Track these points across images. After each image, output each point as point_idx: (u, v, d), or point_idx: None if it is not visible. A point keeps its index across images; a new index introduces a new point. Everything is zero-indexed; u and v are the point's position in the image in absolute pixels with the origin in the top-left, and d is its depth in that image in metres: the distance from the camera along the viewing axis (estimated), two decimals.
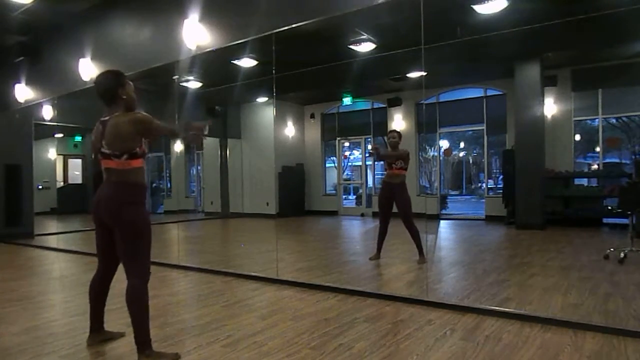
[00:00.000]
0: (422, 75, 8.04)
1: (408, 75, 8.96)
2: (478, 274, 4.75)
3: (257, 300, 3.77)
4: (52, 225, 10.42)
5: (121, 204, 2.47)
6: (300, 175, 12.74)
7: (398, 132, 5.43)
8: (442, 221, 10.21)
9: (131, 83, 2.67)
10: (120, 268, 2.58)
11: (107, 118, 2.56)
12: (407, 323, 3.13)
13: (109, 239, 2.57)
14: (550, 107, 9.21)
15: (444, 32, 6.10)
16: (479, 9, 5.80)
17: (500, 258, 5.94)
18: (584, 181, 9.45)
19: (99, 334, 2.79)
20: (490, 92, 10.42)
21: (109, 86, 2.56)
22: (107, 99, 2.57)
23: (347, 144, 13.35)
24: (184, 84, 8.38)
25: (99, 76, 2.63)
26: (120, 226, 2.47)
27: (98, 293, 2.75)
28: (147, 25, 5.78)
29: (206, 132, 2.58)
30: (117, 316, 3.35)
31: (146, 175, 2.73)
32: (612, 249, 5.26)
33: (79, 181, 14.00)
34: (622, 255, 4.98)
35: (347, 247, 7.50)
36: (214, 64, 6.87)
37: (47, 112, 7.90)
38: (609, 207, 8.25)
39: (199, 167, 14.29)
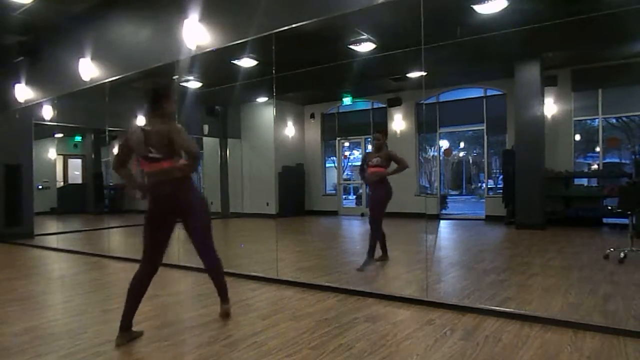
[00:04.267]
0: (422, 75, 8.05)
1: (408, 75, 8.96)
2: (478, 274, 4.75)
3: (257, 300, 3.77)
4: (52, 225, 10.42)
5: None
6: (300, 175, 12.73)
7: (380, 133, 5.24)
8: (442, 221, 10.21)
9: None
10: None
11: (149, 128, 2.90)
12: (407, 323, 3.13)
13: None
14: (550, 107, 9.21)
15: (444, 32, 6.11)
16: (479, 9, 5.80)
17: (500, 258, 5.94)
18: (584, 181, 9.44)
19: (127, 333, 2.83)
20: (490, 92, 10.42)
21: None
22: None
23: (347, 144, 13.35)
24: (184, 84, 8.38)
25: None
26: None
27: (141, 291, 2.93)
28: (147, 25, 5.78)
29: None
30: (117, 316, 3.35)
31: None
32: (612, 249, 5.25)
33: (79, 181, 14.00)
34: (622, 255, 4.98)
35: (347, 247, 7.50)
36: (214, 64, 6.86)
37: (47, 112, 7.90)
38: (609, 207, 8.24)
39: (199, 167, 14.28)
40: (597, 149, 9.29)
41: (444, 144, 13.79)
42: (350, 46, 7.10)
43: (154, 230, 2.97)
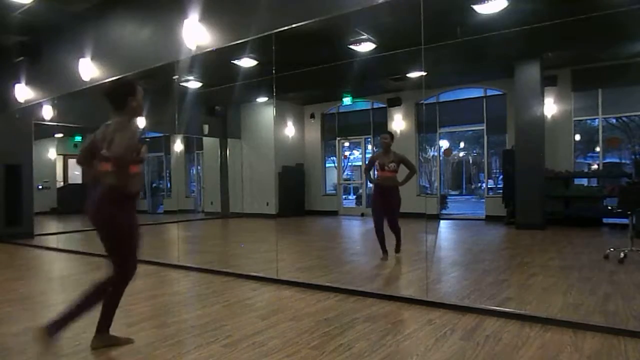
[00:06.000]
0: (422, 75, 8.05)
1: (408, 75, 8.97)
2: (478, 274, 4.75)
3: (257, 300, 3.77)
4: (52, 225, 10.43)
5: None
6: (300, 175, 12.73)
7: (390, 134, 5.47)
8: (442, 221, 10.21)
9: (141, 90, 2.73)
10: None
11: (109, 122, 2.65)
12: (407, 323, 3.14)
13: None
14: (550, 107, 9.21)
15: (444, 32, 6.11)
16: (479, 9, 5.80)
17: (500, 258, 5.94)
18: (584, 181, 9.44)
19: None
20: (490, 92, 10.42)
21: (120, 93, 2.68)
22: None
23: (347, 144, 13.36)
24: (184, 84, 8.38)
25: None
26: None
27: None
28: (147, 25, 5.78)
29: None
30: (117, 316, 3.35)
31: (146, 175, 2.79)
32: (612, 249, 5.26)
33: (79, 181, 13.99)
34: (622, 255, 4.98)
35: (347, 247, 7.50)
36: (214, 64, 6.86)
37: (47, 112, 7.90)
38: (609, 207, 8.25)
39: (199, 167, 14.29)
40: (597, 149, 9.29)
41: (444, 144, 13.79)
42: (350, 46, 7.10)
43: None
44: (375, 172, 5.42)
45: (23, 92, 7.54)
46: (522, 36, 6.54)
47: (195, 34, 4.97)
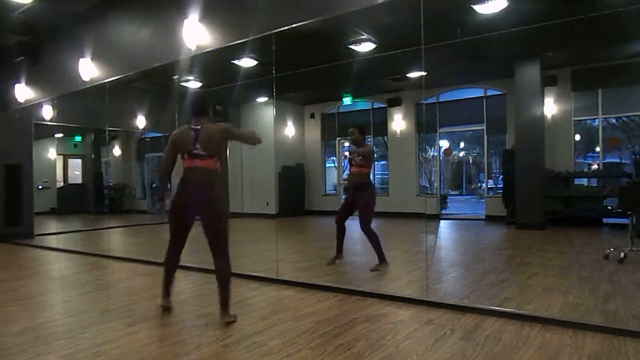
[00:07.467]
0: (422, 75, 8.05)
1: (408, 75, 8.97)
2: (478, 274, 4.75)
3: (257, 300, 3.77)
4: (52, 225, 10.42)
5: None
6: (300, 175, 12.73)
7: (358, 127, 5.16)
8: (442, 221, 10.21)
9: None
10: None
11: (198, 127, 3.19)
12: (407, 323, 3.13)
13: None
14: (550, 107, 9.21)
15: (444, 32, 6.10)
16: (479, 9, 5.80)
17: (500, 258, 5.94)
18: (584, 181, 9.45)
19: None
20: (490, 92, 10.42)
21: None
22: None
23: (347, 144, 13.32)
24: (184, 84, 8.37)
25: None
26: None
27: (173, 268, 3.45)
28: (147, 25, 5.78)
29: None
30: (117, 316, 3.35)
31: (146, 175, 2.93)
32: (612, 249, 5.25)
33: (79, 181, 14.00)
34: (622, 255, 4.98)
35: (347, 247, 7.48)
36: (214, 64, 6.86)
37: (47, 112, 7.90)
38: (609, 207, 8.25)
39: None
40: (597, 149, 9.29)
41: (444, 144, 13.80)
42: (350, 46, 7.10)
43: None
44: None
45: (23, 92, 7.55)
46: (522, 36, 6.54)
47: (195, 34, 4.96)
